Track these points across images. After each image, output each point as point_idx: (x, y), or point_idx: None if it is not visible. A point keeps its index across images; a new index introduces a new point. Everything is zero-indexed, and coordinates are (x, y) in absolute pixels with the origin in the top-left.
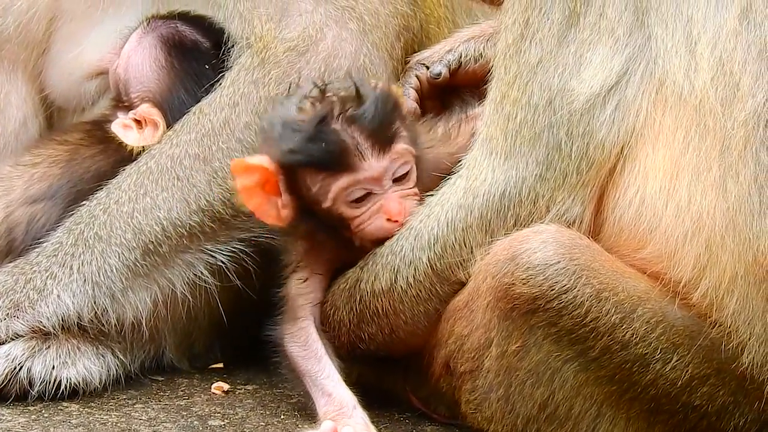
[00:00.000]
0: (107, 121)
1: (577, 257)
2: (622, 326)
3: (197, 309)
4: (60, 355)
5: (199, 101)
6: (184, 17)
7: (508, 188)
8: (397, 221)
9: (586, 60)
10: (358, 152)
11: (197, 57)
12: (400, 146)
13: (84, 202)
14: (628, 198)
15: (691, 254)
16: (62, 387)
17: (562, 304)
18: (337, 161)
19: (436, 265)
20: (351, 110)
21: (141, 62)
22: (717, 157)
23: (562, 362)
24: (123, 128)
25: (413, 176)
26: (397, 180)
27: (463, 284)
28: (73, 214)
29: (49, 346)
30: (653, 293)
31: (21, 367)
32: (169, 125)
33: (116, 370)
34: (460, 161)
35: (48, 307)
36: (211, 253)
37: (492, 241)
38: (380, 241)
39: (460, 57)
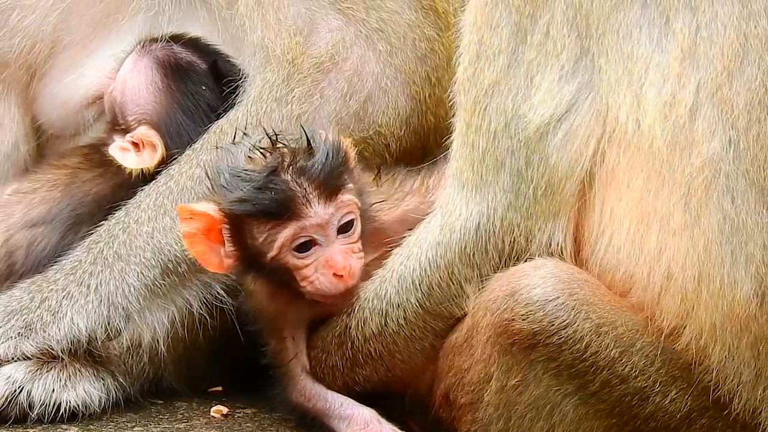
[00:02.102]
0: (105, 145)
1: (576, 292)
2: (621, 360)
3: (204, 331)
4: (60, 378)
5: (196, 122)
6: (179, 39)
7: (482, 221)
8: (342, 277)
9: (535, 84)
10: (304, 200)
11: (193, 78)
12: (347, 197)
13: (84, 226)
14: (605, 241)
15: (670, 305)
16: (62, 410)
17: (562, 339)
18: (285, 209)
19: (425, 304)
20: (301, 161)
21: (137, 85)
22: (678, 203)
23: (561, 396)
24: (121, 151)
25: (357, 230)
26: (342, 231)
27: (457, 318)
28: (76, 236)
29: (50, 369)
30: (653, 327)
31: (21, 390)
32: (167, 147)
33: (116, 393)
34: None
35: (60, 330)
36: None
37: (481, 274)
38: (330, 299)
39: None
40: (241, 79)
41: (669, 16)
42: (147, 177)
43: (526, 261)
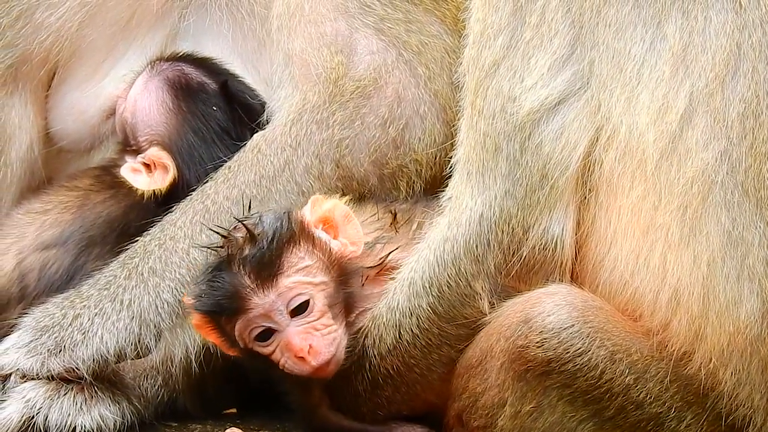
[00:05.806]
0: (116, 166)
1: (590, 320)
2: (636, 386)
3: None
4: (77, 402)
5: (207, 143)
6: (189, 59)
7: (484, 210)
8: (303, 358)
9: (531, 66)
10: (243, 293)
11: (204, 99)
12: (289, 280)
13: (96, 248)
14: (611, 258)
15: (680, 328)
16: None
17: (577, 366)
18: (228, 306)
19: (438, 308)
20: (244, 252)
21: (148, 106)
22: (675, 216)
23: (576, 422)
24: (133, 172)
25: (317, 307)
26: (297, 313)
27: (473, 327)
28: (89, 258)
29: (67, 392)
30: (665, 352)
31: (39, 413)
32: (178, 167)
33: (131, 417)
34: None
35: (88, 349)
36: None
37: (486, 270)
38: (311, 376)
39: None
40: (257, 99)
41: (661, 18)
42: (159, 198)
43: (534, 272)
